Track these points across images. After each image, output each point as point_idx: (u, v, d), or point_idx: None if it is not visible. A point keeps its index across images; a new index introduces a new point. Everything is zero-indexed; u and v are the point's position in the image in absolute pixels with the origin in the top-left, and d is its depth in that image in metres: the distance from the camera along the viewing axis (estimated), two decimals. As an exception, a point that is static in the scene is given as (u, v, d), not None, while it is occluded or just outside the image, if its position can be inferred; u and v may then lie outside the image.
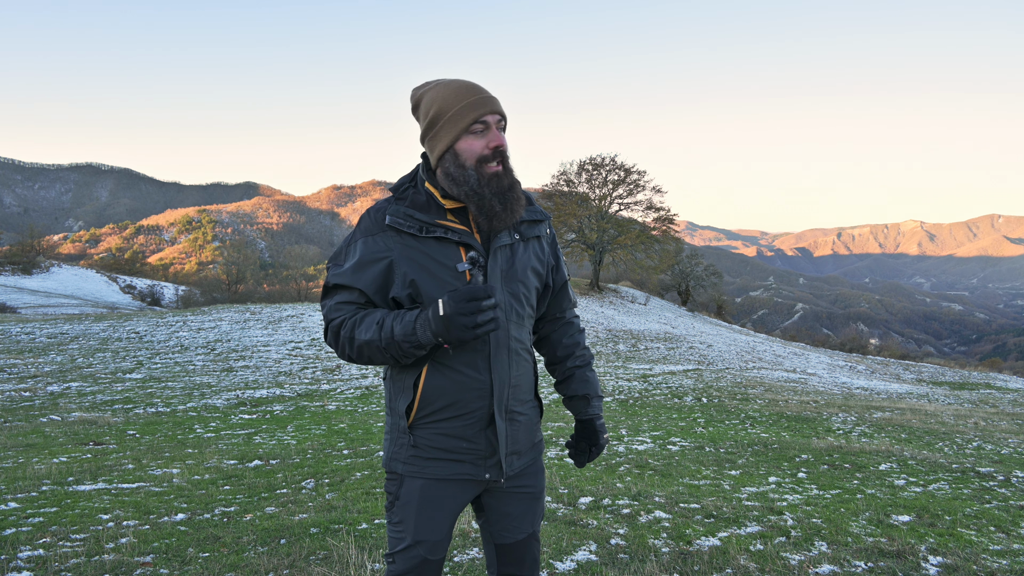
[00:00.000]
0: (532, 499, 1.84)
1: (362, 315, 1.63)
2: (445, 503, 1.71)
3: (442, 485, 1.70)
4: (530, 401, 1.81)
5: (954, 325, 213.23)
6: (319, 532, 3.58)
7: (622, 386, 12.89)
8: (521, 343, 1.74)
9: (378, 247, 1.64)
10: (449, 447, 1.68)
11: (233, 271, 62.93)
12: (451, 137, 1.63)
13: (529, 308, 1.78)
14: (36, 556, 3.14)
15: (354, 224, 1.74)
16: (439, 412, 1.67)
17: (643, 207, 42.84)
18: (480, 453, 1.70)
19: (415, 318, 1.55)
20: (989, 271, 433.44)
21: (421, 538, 1.69)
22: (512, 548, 1.84)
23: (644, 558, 3.22)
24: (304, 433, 7.44)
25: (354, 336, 1.60)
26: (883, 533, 3.72)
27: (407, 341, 1.55)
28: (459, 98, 1.63)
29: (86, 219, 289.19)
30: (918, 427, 9.38)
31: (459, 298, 1.49)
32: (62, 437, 6.97)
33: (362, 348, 1.59)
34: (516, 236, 1.75)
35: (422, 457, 1.69)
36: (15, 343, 15.00)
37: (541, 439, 1.89)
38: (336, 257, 1.70)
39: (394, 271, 1.64)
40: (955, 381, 23.33)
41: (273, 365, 13.87)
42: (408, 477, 1.71)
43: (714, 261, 62.74)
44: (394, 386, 1.73)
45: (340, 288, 1.67)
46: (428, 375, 1.65)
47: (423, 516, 1.69)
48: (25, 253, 47.74)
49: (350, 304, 1.66)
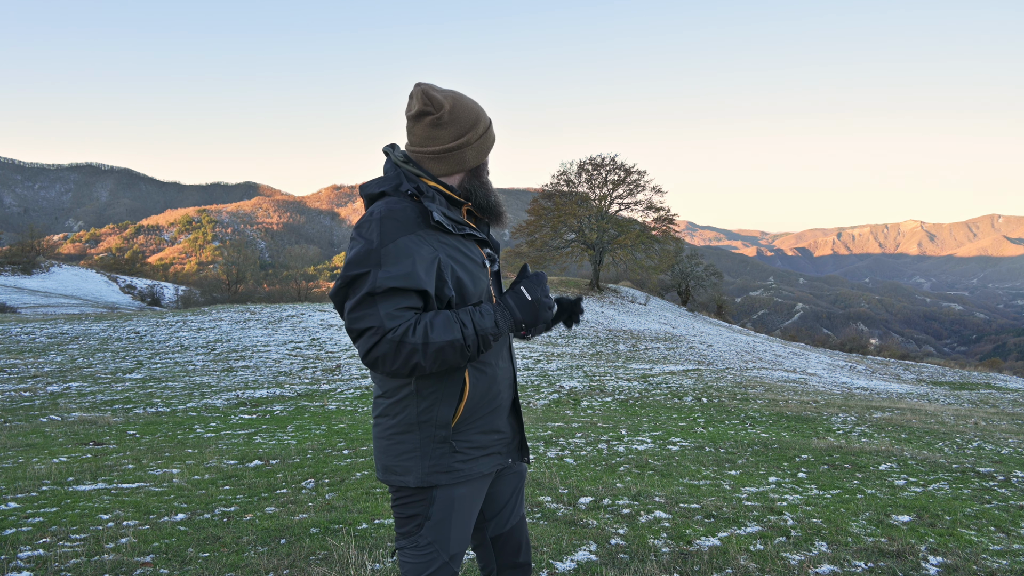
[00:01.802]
0: (518, 478, 1.93)
1: (430, 317, 1.56)
2: (476, 505, 1.75)
3: (477, 486, 1.74)
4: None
5: (954, 325, 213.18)
6: (319, 532, 3.58)
7: (622, 386, 12.88)
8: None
9: (427, 245, 1.61)
10: (487, 443, 1.75)
11: (233, 271, 62.92)
12: (481, 156, 1.79)
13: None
14: (36, 556, 3.14)
15: (354, 224, 1.72)
16: (479, 409, 1.71)
17: (643, 207, 42.85)
18: (507, 440, 1.81)
19: (493, 310, 1.64)
20: (989, 271, 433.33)
21: (456, 551, 1.71)
22: (509, 536, 1.89)
23: (644, 558, 3.22)
24: (304, 433, 7.44)
25: (430, 340, 1.51)
26: (883, 533, 3.72)
27: (492, 334, 1.61)
28: (484, 122, 1.79)
29: (86, 219, 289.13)
30: (918, 427, 9.38)
31: (537, 284, 1.67)
32: (62, 437, 6.97)
33: (442, 350, 1.53)
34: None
35: (465, 460, 1.69)
36: (15, 343, 14.99)
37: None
38: (363, 261, 1.55)
39: (443, 270, 1.64)
40: (955, 381, 23.33)
41: (273, 365, 13.87)
42: (442, 490, 1.67)
43: (714, 261, 62.73)
44: (426, 399, 1.66)
45: (396, 292, 1.54)
46: (472, 377, 1.68)
47: (459, 528, 1.70)
48: (25, 253, 47.72)
49: (410, 309, 1.56)
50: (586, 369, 15.53)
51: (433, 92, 1.71)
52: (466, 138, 1.74)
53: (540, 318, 1.67)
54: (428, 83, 1.73)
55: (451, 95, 1.73)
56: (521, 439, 1.85)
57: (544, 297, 1.67)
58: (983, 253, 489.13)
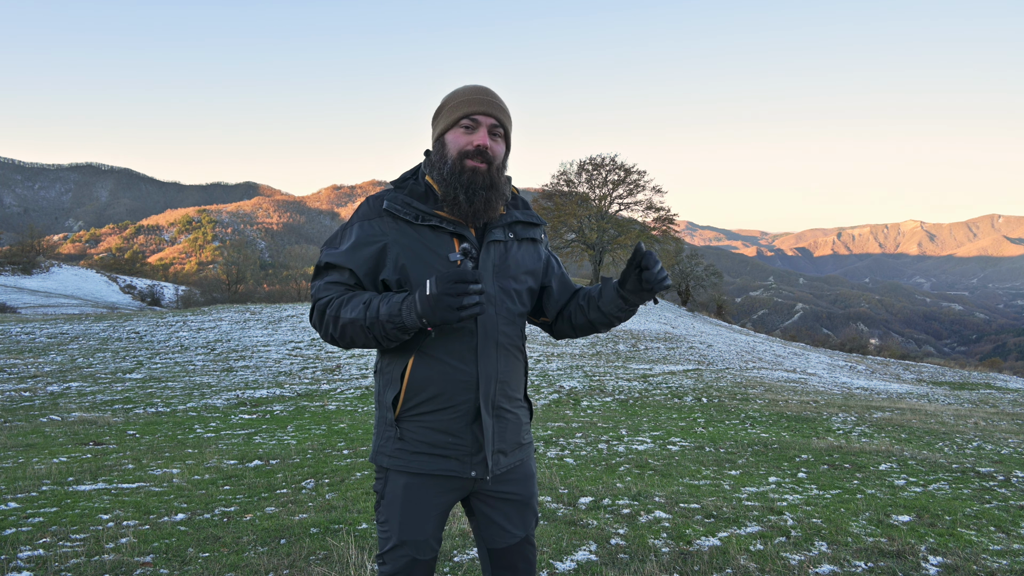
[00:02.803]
0: (522, 505, 1.82)
1: (350, 295, 1.64)
2: (429, 502, 1.71)
3: (427, 483, 1.70)
4: (519, 400, 1.81)
5: (954, 325, 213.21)
6: (319, 532, 3.58)
7: (622, 386, 12.88)
8: (510, 339, 1.75)
9: (374, 230, 1.68)
10: (435, 441, 1.68)
11: (233, 271, 62.87)
12: (443, 127, 1.73)
13: (520, 306, 1.79)
14: (36, 556, 3.14)
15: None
16: (425, 404, 1.67)
17: (643, 207, 42.89)
18: (466, 449, 1.69)
19: (402, 300, 1.56)
20: (989, 271, 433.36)
21: (406, 538, 1.69)
22: (505, 553, 1.82)
23: (644, 558, 3.22)
24: (304, 433, 7.44)
25: (339, 315, 1.60)
26: (883, 533, 3.72)
27: (391, 322, 1.55)
28: (462, 95, 1.72)
29: (86, 219, 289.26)
30: (918, 427, 9.37)
31: (446, 279, 1.49)
32: (62, 437, 6.97)
33: (346, 327, 1.59)
34: (510, 235, 1.79)
35: (408, 451, 1.69)
36: (15, 343, 14.99)
37: (530, 442, 1.88)
38: (332, 240, 1.73)
39: (387, 255, 1.67)
40: (955, 381, 23.32)
41: (273, 365, 13.87)
42: (393, 474, 1.71)
43: (714, 261, 62.73)
44: (382, 378, 1.75)
45: (332, 268, 1.69)
46: (415, 366, 1.66)
47: (408, 515, 1.69)
48: (25, 253, 47.71)
49: (340, 284, 1.68)
50: (586, 369, 15.54)
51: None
52: (440, 106, 1.76)
53: (438, 316, 1.48)
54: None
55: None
56: (485, 455, 1.69)
57: (447, 295, 1.46)
58: (983, 253, 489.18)
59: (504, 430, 1.75)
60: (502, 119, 1.73)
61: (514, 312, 1.76)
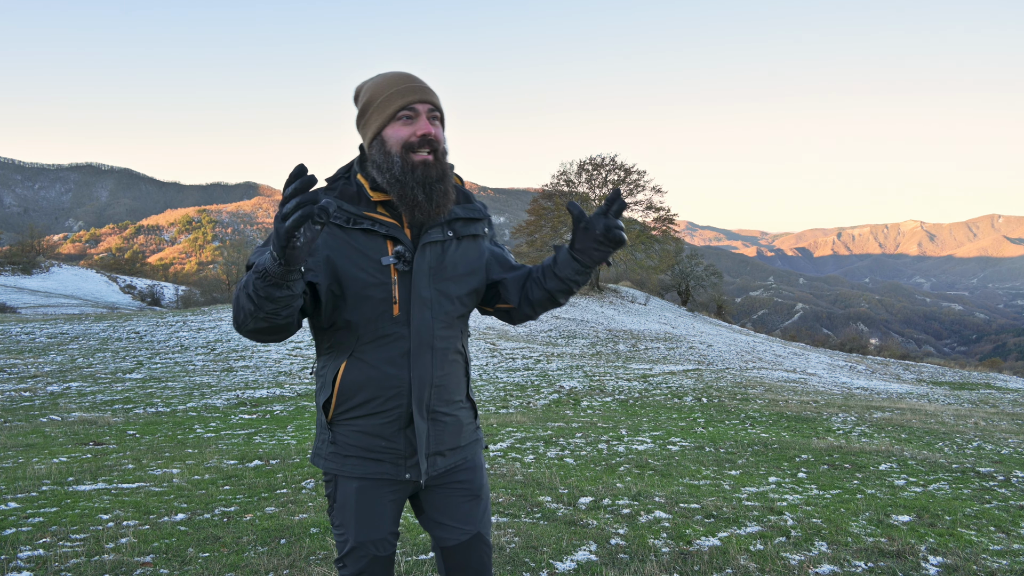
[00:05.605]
0: (471, 496, 1.78)
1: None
2: (381, 501, 1.69)
3: (367, 485, 1.68)
4: (459, 402, 1.76)
5: (954, 325, 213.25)
6: (319, 532, 3.58)
7: (622, 386, 12.88)
8: (447, 342, 1.69)
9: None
10: (367, 445, 1.66)
11: (233, 271, 62.85)
12: (379, 124, 1.61)
13: (460, 307, 1.71)
14: (36, 556, 3.14)
15: None
16: (356, 409, 1.64)
17: (643, 207, 42.87)
18: (399, 453, 1.67)
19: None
20: (989, 271, 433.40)
21: (363, 539, 1.68)
22: (456, 551, 1.77)
23: (644, 558, 3.22)
24: (304, 433, 7.44)
25: (237, 293, 1.47)
26: (883, 533, 3.72)
27: (259, 268, 1.37)
28: (389, 86, 1.61)
29: (86, 219, 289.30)
30: (918, 427, 9.37)
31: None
32: (62, 437, 6.97)
33: (238, 296, 1.46)
34: (449, 233, 1.69)
35: (340, 454, 1.68)
36: (15, 343, 14.99)
37: (477, 440, 1.83)
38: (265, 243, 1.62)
39: (317, 259, 1.56)
40: (955, 381, 23.33)
41: (273, 365, 13.87)
42: (341, 479, 1.69)
43: (714, 261, 62.73)
44: (318, 381, 1.73)
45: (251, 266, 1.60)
46: (347, 370, 1.63)
47: (361, 517, 1.68)
48: (25, 253, 47.70)
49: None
50: (586, 369, 15.54)
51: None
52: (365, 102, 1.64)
53: (276, 241, 1.29)
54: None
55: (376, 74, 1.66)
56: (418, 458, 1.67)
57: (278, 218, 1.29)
58: (983, 253, 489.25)
59: (441, 433, 1.71)
60: (437, 103, 1.64)
61: (452, 315, 1.69)
